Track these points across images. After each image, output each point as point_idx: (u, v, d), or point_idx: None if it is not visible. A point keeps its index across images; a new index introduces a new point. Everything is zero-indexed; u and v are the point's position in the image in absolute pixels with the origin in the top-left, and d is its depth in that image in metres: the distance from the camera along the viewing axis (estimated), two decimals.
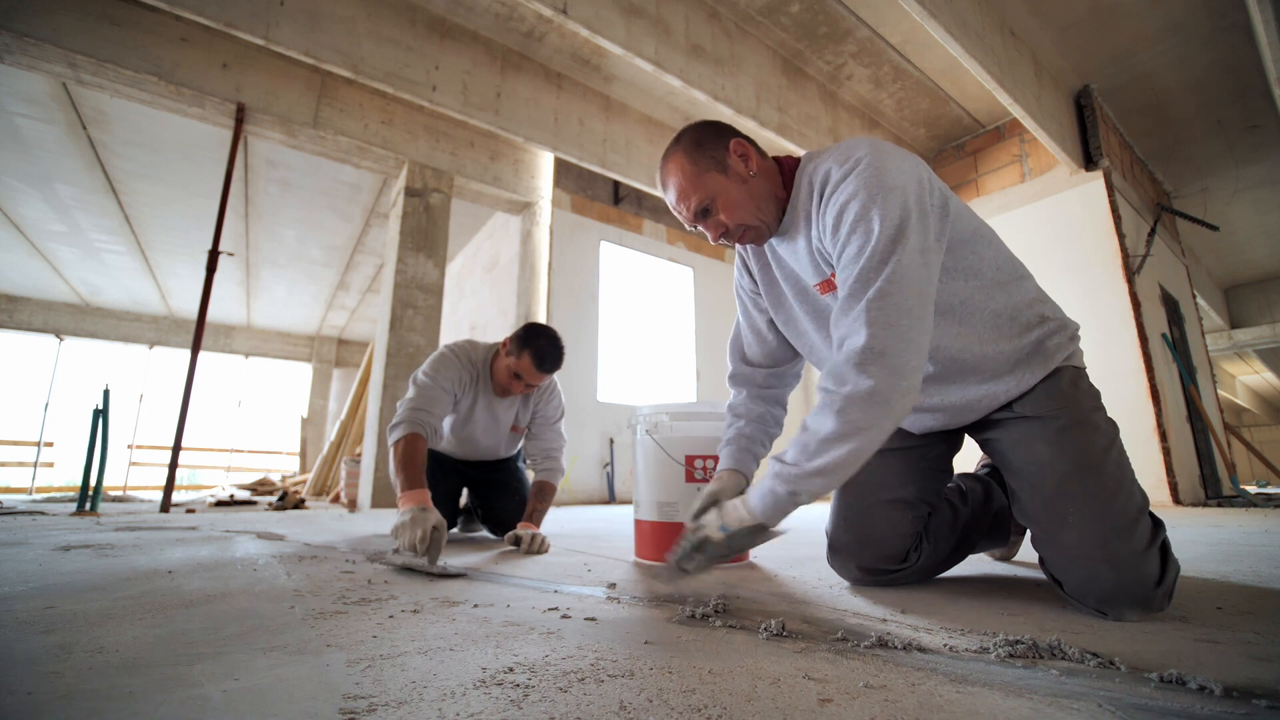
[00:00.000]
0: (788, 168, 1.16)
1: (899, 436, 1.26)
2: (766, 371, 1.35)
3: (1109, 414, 1.07)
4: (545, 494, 2.05)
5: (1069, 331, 1.13)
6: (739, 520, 1.01)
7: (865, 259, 0.94)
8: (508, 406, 2.15)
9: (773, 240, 1.21)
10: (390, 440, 1.79)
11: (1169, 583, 0.94)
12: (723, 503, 1.06)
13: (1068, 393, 1.06)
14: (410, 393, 1.91)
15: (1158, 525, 0.98)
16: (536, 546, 1.80)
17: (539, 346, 1.94)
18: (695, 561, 1.03)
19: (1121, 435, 1.05)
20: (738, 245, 1.29)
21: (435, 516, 1.50)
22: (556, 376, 2.22)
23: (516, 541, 1.83)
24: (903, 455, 1.23)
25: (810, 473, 0.93)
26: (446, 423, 2.11)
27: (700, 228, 1.16)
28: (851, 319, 0.94)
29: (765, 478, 1.00)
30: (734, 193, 1.11)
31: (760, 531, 1.01)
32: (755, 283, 1.33)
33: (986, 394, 1.10)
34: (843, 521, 1.23)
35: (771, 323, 1.33)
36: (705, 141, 1.12)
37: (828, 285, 1.12)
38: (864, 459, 0.93)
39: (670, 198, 1.15)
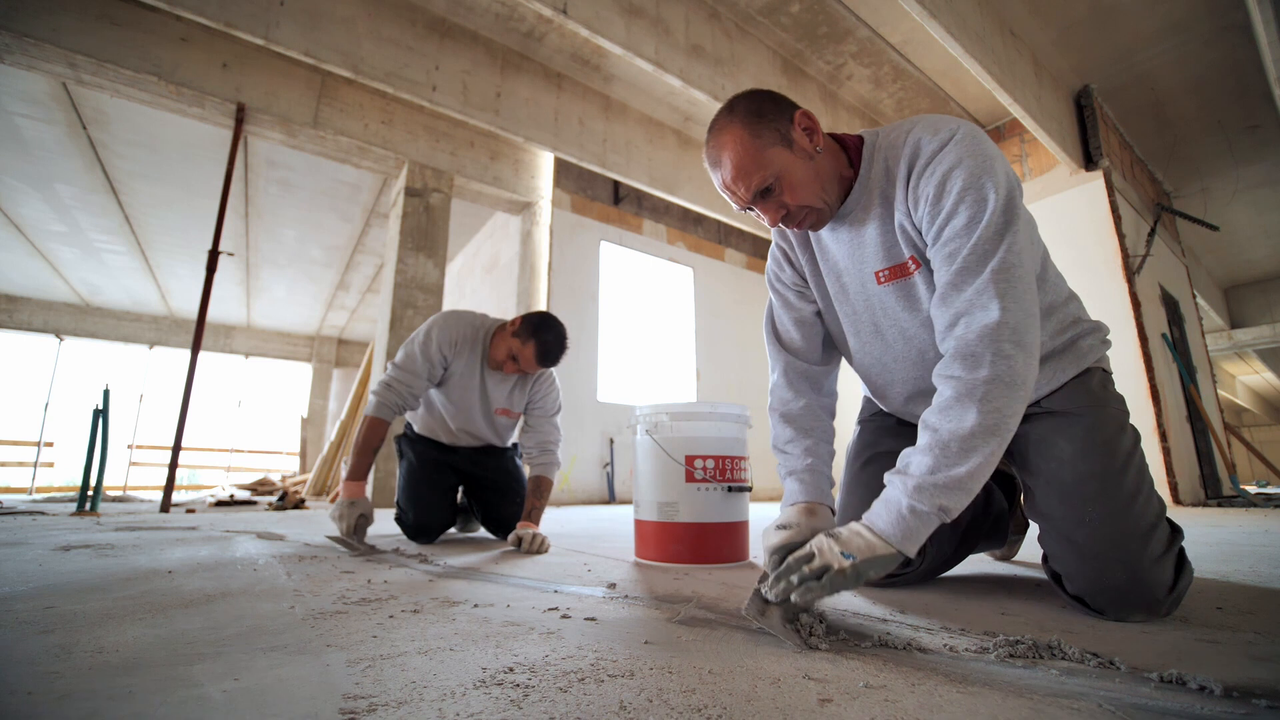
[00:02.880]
0: (851, 145, 1.07)
1: (910, 438, 1.23)
2: (821, 370, 1.22)
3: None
4: (542, 490, 2.05)
5: (1101, 334, 1.12)
6: (867, 548, 0.82)
7: (982, 228, 0.87)
8: (499, 382, 2.15)
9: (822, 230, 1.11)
10: (363, 411, 2.01)
11: (1180, 590, 0.93)
12: (835, 530, 0.88)
13: (1097, 393, 1.04)
14: (398, 358, 2.03)
15: (1176, 533, 0.97)
16: (536, 546, 1.81)
17: (546, 341, 1.96)
18: (810, 594, 0.84)
19: None
20: (776, 233, 1.20)
21: (361, 508, 1.85)
22: (555, 371, 2.23)
23: (518, 542, 1.83)
24: None
25: (961, 480, 0.80)
26: (437, 391, 2.16)
27: (756, 210, 1.03)
28: (973, 292, 0.85)
29: (890, 497, 0.84)
30: (800, 171, 0.99)
31: (893, 560, 0.82)
32: (801, 276, 1.21)
33: None
34: (848, 522, 1.22)
35: (820, 314, 1.23)
36: (767, 112, 0.98)
37: (896, 271, 1.02)
38: (1001, 455, 0.83)
39: (724, 175, 1.00)
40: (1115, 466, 0.97)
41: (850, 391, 1.80)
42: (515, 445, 2.42)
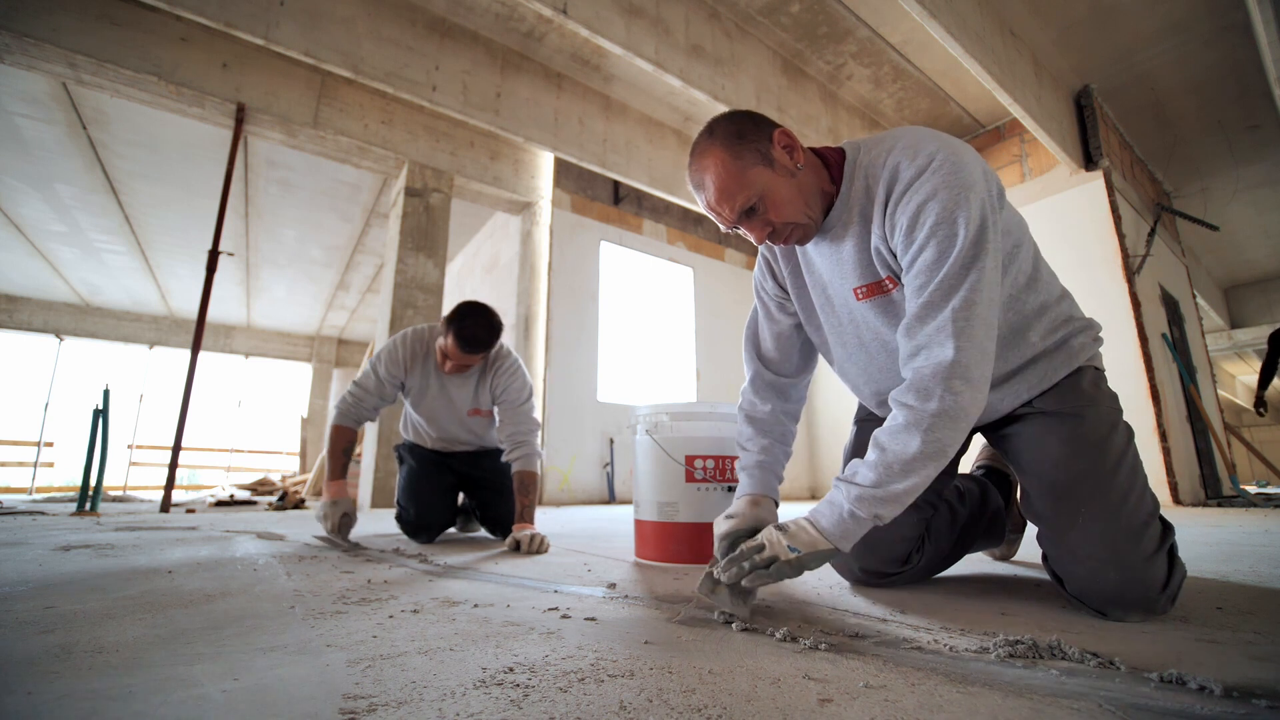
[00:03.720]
0: (833, 160, 1.07)
1: None
2: (790, 381, 1.27)
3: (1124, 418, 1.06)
4: (528, 486, 2.01)
5: (1093, 332, 1.12)
6: (810, 544, 0.92)
7: (949, 265, 0.89)
8: (460, 385, 2.14)
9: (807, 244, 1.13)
10: (328, 423, 2.08)
11: (1174, 587, 0.94)
12: (783, 524, 0.97)
13: (1089, 392, 1.05)
14: (360, 373, 2.15)
15: (1167, 530, 0.98)
16: (536, 546, 1.81)
17: (463, 328, 1.93)
18: (758, 580, 0.94)
19: None
20: (762, 245, 1.21)
21: (344, 506, 1.95)
22: (520, 359, 2.24)
23: (516, 545, 1.83)
24: None
25: (896, 495, 0.89)
26: (409, 408, 2.25)
27: (742, 229, 1.05)
28: (933, 329, 0.90)
29: (835, 500, 0.93)
30: (782, 189, 1.01)
31: (831, 555, 0.93)
32: (783, 288, 1.24)
33: (1010, 392, 1.08)
34: None
35: (798, 327, 1.26)
36: (746, 132, 1.00)
37: (874, 289, 1.05)
38: (937, 474, 0.91)
39: (707, 197, 1.02)
40: (1108, 466, 0.97)
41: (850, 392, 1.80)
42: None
